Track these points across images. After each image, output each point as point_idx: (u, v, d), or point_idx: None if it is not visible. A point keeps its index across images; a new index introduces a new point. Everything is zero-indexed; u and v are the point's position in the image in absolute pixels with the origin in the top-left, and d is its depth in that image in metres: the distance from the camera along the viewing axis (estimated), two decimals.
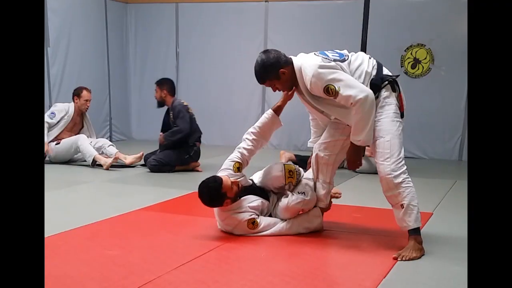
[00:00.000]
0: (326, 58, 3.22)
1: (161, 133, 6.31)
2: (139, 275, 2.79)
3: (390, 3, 8.00)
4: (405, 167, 3.24)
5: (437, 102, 7.83)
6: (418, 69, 7.95)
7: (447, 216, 4.28)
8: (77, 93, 6.69)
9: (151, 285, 2.67)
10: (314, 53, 3.31)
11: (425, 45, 7.87)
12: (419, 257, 3.15)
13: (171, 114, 6.28)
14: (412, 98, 7.95)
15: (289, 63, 3.33)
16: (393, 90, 3.31)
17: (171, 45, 9.30)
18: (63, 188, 5.23)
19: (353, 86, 3.15)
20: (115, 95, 9.16)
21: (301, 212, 3.63)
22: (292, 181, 3.59)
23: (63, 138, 6.55)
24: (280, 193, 3.69)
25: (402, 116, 3.33)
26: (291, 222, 3.59)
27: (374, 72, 3.30)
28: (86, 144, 6.42)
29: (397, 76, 3.38)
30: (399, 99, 3.34)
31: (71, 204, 4.67)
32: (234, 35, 8.85)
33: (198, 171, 6.27)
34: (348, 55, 3.32)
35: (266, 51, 3.40)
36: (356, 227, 3.89)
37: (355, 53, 3.39)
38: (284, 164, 3.63)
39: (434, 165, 7.28)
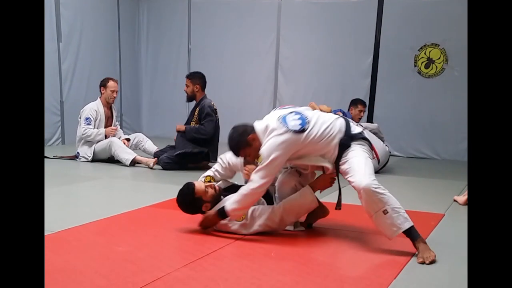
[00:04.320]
0: (286, 132, 3.24)
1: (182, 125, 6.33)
2: (149, 272, 2.78)
3: (404, 2, 7.95)
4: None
5: (450, 102, 7.77)
6: (432, 69, 7.89)
7: (459, 217, 4.24)
8: (103, 84, 6.54)
9: (160, 282, 2.65)
10: (278, 118, 3.32)
11: (439, 45, 7.81)
12: (435, 256, 3.09)
13: (196, 110, 6.27)
14: (425, 98, 8.00)
15: (251, 136, 3.36)
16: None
17: (183, 42, 9.30)
18: (73, 184, 5.24)
19: (267, 176, 3.26)
20: (126, 91, 9.18)
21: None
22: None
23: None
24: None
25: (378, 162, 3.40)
26: (281, 206, 3.49)
27: (343, 130, 3.35)
28: (120, 150, 6.32)
29: (363, 130, 3.51)
30: (372, 148, 3.44)
31: (81, 199, 4.67)
32: (246, 32, 8.83)
33: (209, 168, 6.25)
34: (308, 121, 3.31)
35: (234, 127, 3.45)
36: (366, 227, 3.85)
37: (316, 114, 3.41)
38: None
39: (446, 166, 7.22)
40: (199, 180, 3.75)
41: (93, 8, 8.41)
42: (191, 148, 6.12)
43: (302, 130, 3.27)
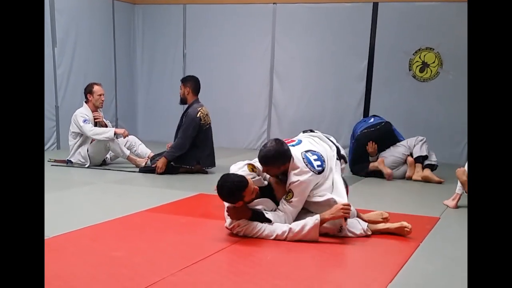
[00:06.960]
0: (313, 172, 3.55)
1: (169, 144, 6.32)
2: (144, 277, 2.77)
3: (399, 6, 7.97)
4: None
5: (445, 106, 7.78)
6: (427, 72, 7.91)
7: (454, 221, 4.25)
8: (89, 90, 6.55)
9: (156, 287, 2.65)
10: (302, 155, 3.59)
11: (433, 49, 7.83)
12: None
13: (184, 117, 6.23)
14: (420, 102, 8.01)
15: (290, 158, 3.59)
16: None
17: (178, 47, 9.29)
18: (69, 189, 5.22)
19: (297, 207, 3.60)
20: (121, 95, 9.16)
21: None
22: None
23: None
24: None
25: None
26: (287, 234, 3.50)
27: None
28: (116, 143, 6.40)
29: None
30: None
31: (77, 205, 4.66)
32: (241, 37, 8.83)
33: (203, 172, 6.24)
34: (325, 159, 3.66)
35: (280, 143, 3.61)
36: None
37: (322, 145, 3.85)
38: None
39: (441, 169, 7.21)
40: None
41: (88, 13, 8.39)
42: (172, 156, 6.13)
43: (324, 169, 3.61)
